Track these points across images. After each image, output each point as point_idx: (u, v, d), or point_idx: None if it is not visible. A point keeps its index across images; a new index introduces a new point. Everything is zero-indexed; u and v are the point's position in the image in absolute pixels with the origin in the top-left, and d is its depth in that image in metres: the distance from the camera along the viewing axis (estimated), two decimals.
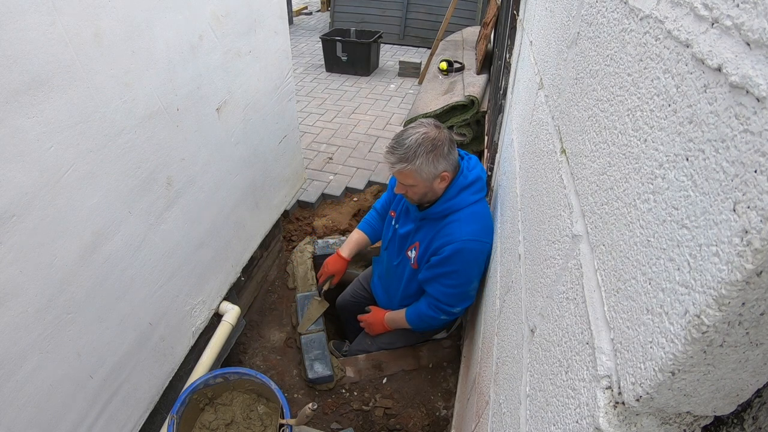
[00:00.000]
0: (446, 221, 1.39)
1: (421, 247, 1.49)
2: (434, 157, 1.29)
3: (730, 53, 0.25)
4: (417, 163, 1.28)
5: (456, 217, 1.37)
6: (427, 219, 1.46)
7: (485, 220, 1.40)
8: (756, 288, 0.23)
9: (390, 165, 1.32)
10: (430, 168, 1.30)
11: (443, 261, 1.38)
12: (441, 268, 1.40)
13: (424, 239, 1.47)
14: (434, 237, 1.42)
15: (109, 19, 1.04)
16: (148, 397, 1.43)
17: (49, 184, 0.96)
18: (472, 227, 1.35)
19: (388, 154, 1.32)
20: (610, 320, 0.39)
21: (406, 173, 1.31)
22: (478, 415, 1.07)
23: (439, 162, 1.30)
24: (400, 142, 1.30)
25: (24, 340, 0.96)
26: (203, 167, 1.53)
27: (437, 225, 1.42)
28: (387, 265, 1.72)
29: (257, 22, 1.71)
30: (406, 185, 1.35)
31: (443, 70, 3.64)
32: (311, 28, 6.78)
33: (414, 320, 1.58)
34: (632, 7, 0.42)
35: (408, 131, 1.32)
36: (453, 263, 1.37)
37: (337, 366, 1.83)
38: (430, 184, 1.34)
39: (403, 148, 1.28)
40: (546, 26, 0.97)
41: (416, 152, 1.27)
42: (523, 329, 0.71)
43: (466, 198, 1.37)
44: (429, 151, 1.28)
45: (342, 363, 1.86)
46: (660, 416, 0.33)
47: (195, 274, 1.58)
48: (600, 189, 0.46)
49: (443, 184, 1.36)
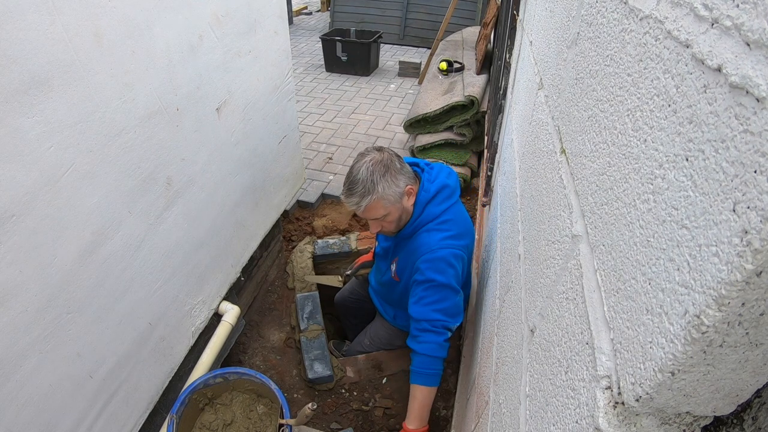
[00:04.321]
0: (418, 237, 1.38)
1: (399, 262, 1.49)
2: (391, 177, 1.27)
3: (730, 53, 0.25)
4: (379, 190, 1.26)
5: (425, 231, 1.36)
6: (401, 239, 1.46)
7: (456, 226, 1.37)
8: (756, 288, 0.23)
9: (355, 206, 1.28)
10: (393, 189, 1.28)
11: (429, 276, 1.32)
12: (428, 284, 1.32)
13: (401, 255, 1.48)
14: (410, 253, 1.41)
15: (109, 19, 1.04)
16: (148, 397, 1.43)
17: (48, 184, 0.96)
18: (438, 236, 1.34)
19: (347, 197, 1.28)
20: (609, 320, 0.39)
21: (373, 206, 1.28)
22: (477, 415, 1.07)
23: (398, 179, 1.29)
24: (353, 181, 1.27)
25: (24, 340, 0.96)
26: (203, 167, 1.53)
27: (411, 242, 1.41)
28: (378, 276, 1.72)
29: (257, 22, 1.71)
30: (380, 219, 1.33)
31: (443, 70, 3.64)
32: (311, 28, 6.78)
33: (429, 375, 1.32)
34: (632, 7, 0.42)
35: (354, 167, 1.29)
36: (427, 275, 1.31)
37: (337, 366, 1.84)
38: (401, 205, 1.32)
39: (359, 184, 1.26)
40: (546, 26, 0.97)
41: (373, 180, 1.25)
42: (522, 329, 0.71)
43: (432, 211, 1.36)
44: (383, 173, 1.26)
45: (342, 363, 1.86)
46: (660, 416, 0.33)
47: (195, 274, 1.58)
48: (600, 189, 0.46)
49: (411, 199, 1.34)
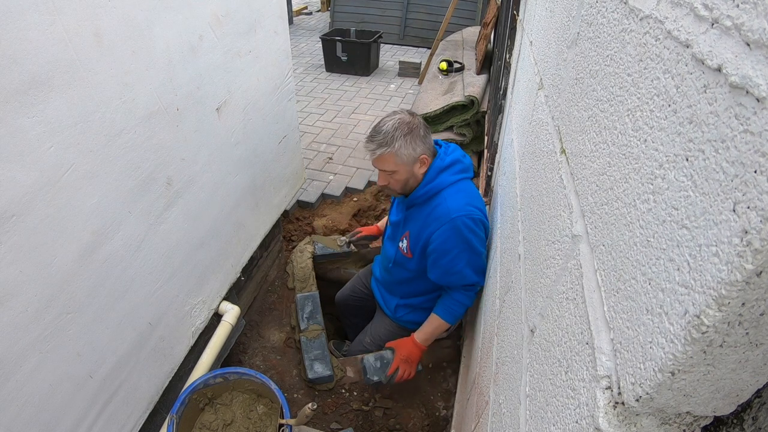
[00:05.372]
0: (431, 205, 1.42)
1: (412, 236, 1.51)
2: (411, 140, 1.34)
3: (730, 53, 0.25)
4: (396, 146, 1.33)
5: (440, 199, 1.40)
6: (413, 206, 1.49)
7: (471, 193, 1.43)
8: (756, 288, 0.23)
9: (371, 152, 1.36)
10: (409, 150, 1.35)
11: (442, 249, 1.39)
12: (445, 257, 1.40)
13: (413, 227, 1.50)
14: (423, 224, 1.44)
15: (109, 19, 1.04)
16: (148, 397, 1.43)
17: (49, 184, 0.96)
18: (457, 202, 1.38)
19: (367, 142, 1.37)
20: (609, 320, 0.39)
21: (386, 158, 1.35)
22: (477, 415, 1.07)
23: (417, 144, 1.36)
24: (377, 130, 1.36)
25: (24, 340, 0.96)
26: (203, 167, 1.53)
27: (423, 210, 1.45)
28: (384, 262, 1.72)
29: (257, 22, 1.71)
30: (388, 173, 1.40)
31: (443, 70, 3.64)
32: (311, 28, 6.77)
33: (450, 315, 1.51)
34: (632, 7, 0.42)
35: (384, 119, 1.38)
36: (452, 244, 1.38)
37: (337, 366, 1.83)
38: (411, 168, 1.39)
39: (381, 134, 1.34)
40: (546, 26, 0.97)
41: (394, 136, 1.33)
42: (522, 329, 0.71)
43: (446, 178, 1.41)
44: (406, 133, 1.34)
45: (342, 363, 1.86)
46: (660, 416, 0.33)
47: (195, 274, 1.58)
48: (600, 189, 0.46)
49: (423, 168, 1.41)
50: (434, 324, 1.52)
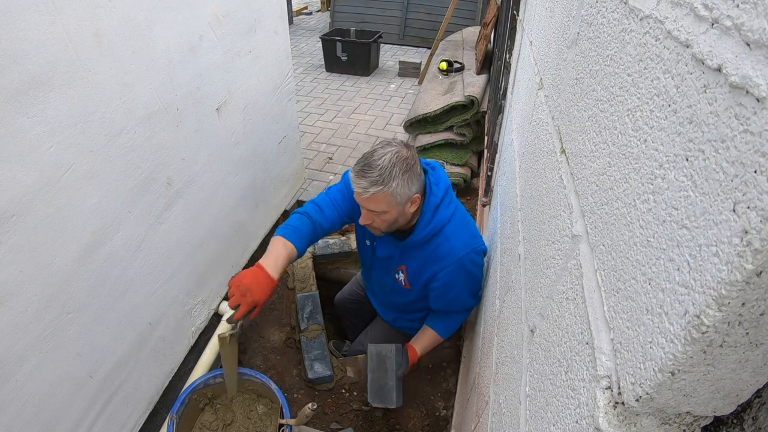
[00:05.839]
0: (433, 244, 1.31)
1: (410, 270, 1.42)
2: (409, 178, 1.18)
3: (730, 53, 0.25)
4: (393, 186, 1.15)
5: (441, 238, 1.30)
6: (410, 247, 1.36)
7: (468, 224, 1.36)
8: (756, 288, 0.23)
9: (362, 190, 1.17)
10: (405, 190, 1.18)
11: (448, 285, 1.34)
12: (451, 292, 1.36)
13: (412, 265, 1.40)
14: (426, 262, 1.35)
15: (109, 19, 1.04)
16: (148, 397, 1.43)
17: (49, 184, 0.96)
18: (460, 239, 1.31)
19: (358, 178, 1.17)
20: (609, 320, 0.39)
21: (378, 198, 1.17)
22: (477, 415, 1.07)
23: (413, 183, 1.20)
24: (371, 164, 1.16)
25: (24, 340, 0.96)
26: (203, 167, 1.53)
27: (423, 250, 1.34)
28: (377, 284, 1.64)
29: (257, 22, 1.71)
30: (376, 213, 1.22)
31: (443, 70, 3.64)
32: (311, 28, 6.77)
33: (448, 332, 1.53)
34: (632, 7, 0.42)
35: (377, 151, 1.19)
36: (459, 280, 1.33)
37: (337, 366, 1.83)
38: (402, 209, 1.22)
39: (376, 170, 1.15)
40: (546, 26, 0.97)
41: (392, 173, 1.15)
42: (522, 329, 0.71)
43: (444, 214, 1.29)
44: (404, 171, 1.17)
45: (342, 363, 1.86)
46: (660, 416, 0.33)
47: (195, 274, 1.58)
48: (600, 189, 0.46)
49: (413, 207, 1.25)
50: (432, 340, 1.52)
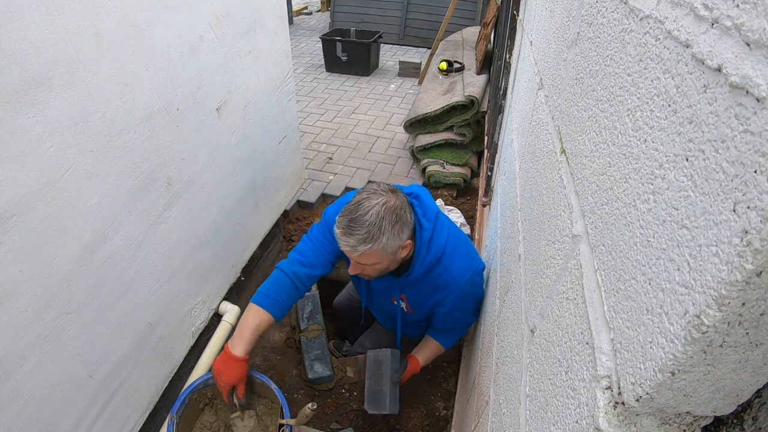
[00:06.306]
0: (434, 275, 1.28)
1: (411, 299, 1.40)
2: (399, 229, 1.13)
3: (730, 53, 0.25)
4: (383, 241, 1.10)
5: (441, 268, 1.27)
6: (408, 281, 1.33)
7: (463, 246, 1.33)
8: (756, 288, 0.23)
9: (351, 248, 1.11)
10: (395, 241, 1.13)
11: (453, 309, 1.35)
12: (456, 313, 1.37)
13: (412, 294, 1.37)
14: (427, 291, 1.33)
15: (109, 19, 1.04)
16: (148, 397, 1.43)
17: (49, 184, 0.96)
18: (460, 266, 1.28)
19: (345, 236, 1.10)
20: (609, 320, 0.39)
21: (369, 254, 1.12)
22: (478, 415, 1.07)
23: (403, 233, 1.14)
24: (357, 220, 1.09)
25: (24, 340, 0.96)
26: (203, 167, 1.53)
27: (425, 280, 1.30)
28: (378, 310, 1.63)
29: (257, 22, 1.71)
30: (366, 265, 1.18)
31: (443, 70, 3.64)
32: (311, 28, 6.77)
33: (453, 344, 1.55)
34: (632, 7, 0.42)
35: (363, 204, 1.11)
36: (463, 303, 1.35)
37: (337, 366, 1.84)
38: (394, 257, 1.18)
39: (364, 227, 1.08)
40: (546, 26, 0.97)
41: (381, 228, 1.09)
42: (522, 329, 0.71)
43: (438, 244, 1.25)
44: (393, 223, 1.11)
45: (342, 363, 1.86)
46: (660, 416, 0.33)
47: (195, 274, 1.58)
48: (600, 189, 0.46)
49: (405, 252, 1.20)
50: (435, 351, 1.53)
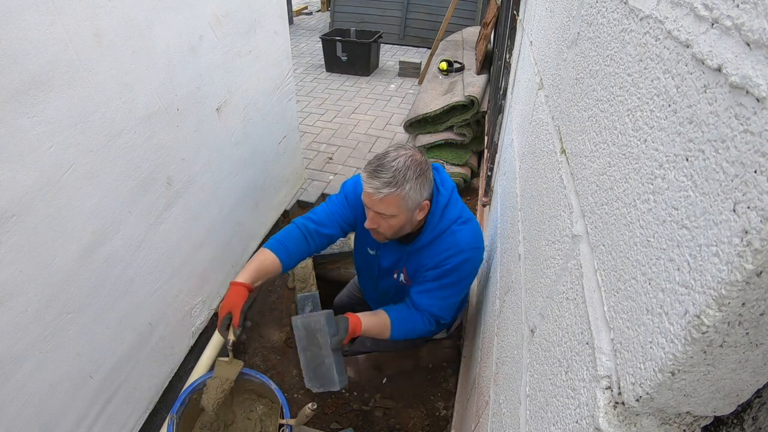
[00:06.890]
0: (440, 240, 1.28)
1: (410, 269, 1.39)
2: (421, 183, 1.17)
3: (730, 53, 0.25)
4: (406, 189, 1.14)
5: (449, 233, 1.27)
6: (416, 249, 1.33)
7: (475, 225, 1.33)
8: (756, 288, 0.23)
9: (374, 190, 1.14)
10: (417, 195, 1.17)
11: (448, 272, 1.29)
12: (444, 279, 1.30)
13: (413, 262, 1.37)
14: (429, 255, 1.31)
15: (109, 19, 1.04)
16: (148, 397, 1.43)
17: (49, 184, 0.96)
18: (470, 235, 1.29)
19: (371, 178, 1.14)
20: (610, 320, 0.39)
21: (390, 200, 1.15)
22: (478, 415, 1.07)
23: (424, 189, 1.18)
24: (384, 165, 1.14)
25: (24, 340, 0.96)
26: (203, 167, 1.53)
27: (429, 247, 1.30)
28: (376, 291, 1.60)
29: (257, 22, 1.71)
30: (384, 216, 1.19)
31: (443, 70, 3.64)
32: (311, 28, 6.77)
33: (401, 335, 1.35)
34: (632, 7, 0.42)
35: (391, 153, 1.17)
36: (459, 273, 1.29)
37: None
38: (411, 215, 1.20)
39: (390, 171, 1.13)
40: (546, 26, 0.97)
41: (405, 176, 1.13)
42: (522, 329, 0.71)
43: (451, 214, 1.27)
44: (418, 175, 1.15)
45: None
46: (660, 416, 0.33)
47: (195, 274, 1.58)
48: (600, 189, 0.46)
49: (422, 214, 1.23)
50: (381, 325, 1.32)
